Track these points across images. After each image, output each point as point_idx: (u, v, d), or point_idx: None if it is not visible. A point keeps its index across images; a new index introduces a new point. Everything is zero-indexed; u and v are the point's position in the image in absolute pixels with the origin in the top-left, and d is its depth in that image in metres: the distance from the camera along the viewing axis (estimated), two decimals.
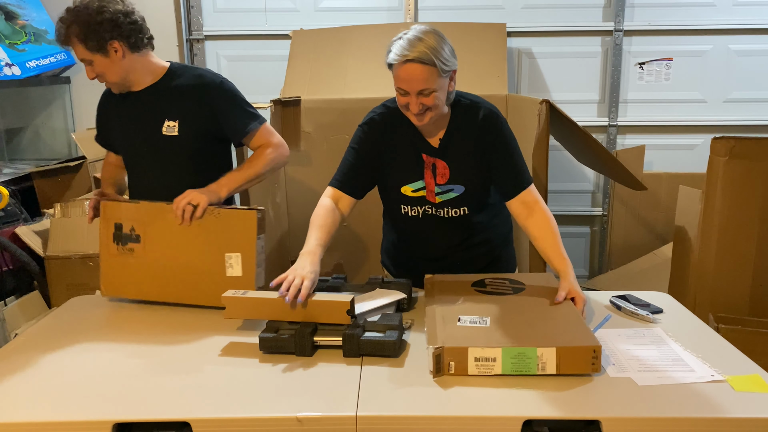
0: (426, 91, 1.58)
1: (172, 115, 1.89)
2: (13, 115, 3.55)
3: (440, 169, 1.74)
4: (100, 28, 1.75)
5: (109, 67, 1.82)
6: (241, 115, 1.91)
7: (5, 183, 2.93)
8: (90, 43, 1.77)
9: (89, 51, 1.78)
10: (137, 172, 2.00)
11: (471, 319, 1.44)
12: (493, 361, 1.29)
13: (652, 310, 1.61)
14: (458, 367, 1.30)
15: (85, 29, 1.75)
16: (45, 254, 2.70)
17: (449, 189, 1.76)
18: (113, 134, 2.01)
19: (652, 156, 3.46)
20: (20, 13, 3.36)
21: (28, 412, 1.21)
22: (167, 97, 1.89)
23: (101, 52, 1.79)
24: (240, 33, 3.55)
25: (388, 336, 1.40)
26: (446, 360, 1.30)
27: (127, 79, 1.87)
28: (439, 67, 1.56)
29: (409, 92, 1.59)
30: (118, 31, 1.78)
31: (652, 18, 3.41)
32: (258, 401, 1.23)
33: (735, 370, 1.32)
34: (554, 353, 1.28)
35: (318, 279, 1.56)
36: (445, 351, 1.30)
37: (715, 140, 2.15)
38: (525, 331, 1.37)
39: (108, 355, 1.44)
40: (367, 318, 1.49)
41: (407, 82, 1.58)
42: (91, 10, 1.75)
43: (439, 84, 1.59)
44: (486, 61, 3.00)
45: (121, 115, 1.95)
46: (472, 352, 1.29)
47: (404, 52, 1.55)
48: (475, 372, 1.30)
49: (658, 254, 2.99)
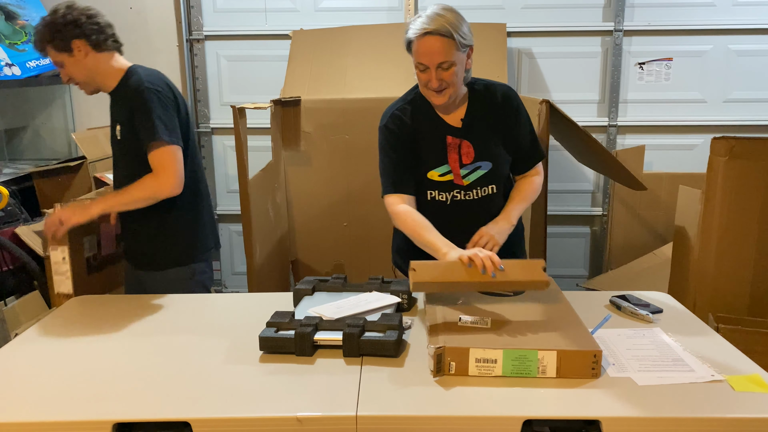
0: (445, 64, 1.64)
1: (119, 119, 1.98)
2: (13, 115, 3.55)
3: (464, 149, 1.77)
4: (65, 29, 1.90)
5: (75, 66, 1.94)
6: (148, 126, 1.89)
7: (5, 183, 2.93)
8: (57, 43, 1.91)
9: (57, 52, 1.92)
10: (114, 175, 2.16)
11: (472, 319, 1.43)
12: (494, 362, 1.29)
13: (652, 310, 1.62)
14: (459, 368, 1.30)
15: (51, 31, 1.90)
16: (45, 254, 2.69)
17: (476, 167, 1.79)
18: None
19: (652, 156, 3.45)
20: (20, 13, 3.35)
21: (28, 412, 1.21)
22: (117, 101, 2.00)
23: (67, 51, 1.92)
24: (240, 33, 3.55)
25: (388, 336, 1.40)
26: (447, 360, 1.30)
27: (95, 79, 1.98)
28: (457, 41, 1.62)
29: (429, 66, 1.65)
30: (80, 30, 1.91)
31: (652, 18, 3.41)
32: (258, 401, 1.23)
33: (735, 370, 1.32)
34: (555, 357, 1.28)
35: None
36: (446, 351, 1.30)
37: (715, 140, 2.15)
38: (526, 333, 1.37)
39: (108, 355, 1.45)
40: (367, 318, 1.49)
41: (427, 55, 1.63)
42: (58, 15, 1.91)
43: (457, 57, 1.64)
44: (486, 61, 3.00)
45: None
46: (473, 353, 1.29)
47: (424, 25, 1.62)
48: (475, 373, 1.29)
49: (658, 254, 2.99)
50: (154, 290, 1.94)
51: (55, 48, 1.92)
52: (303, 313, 1.54)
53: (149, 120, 1.88)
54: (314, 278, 1.78)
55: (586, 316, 1.60)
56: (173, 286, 1.97)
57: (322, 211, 3.05)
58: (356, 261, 3.06)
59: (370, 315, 1.52)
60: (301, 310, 1.57)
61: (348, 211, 3.03)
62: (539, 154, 1.87)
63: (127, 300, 1.83)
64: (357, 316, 1.51)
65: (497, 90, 1.80)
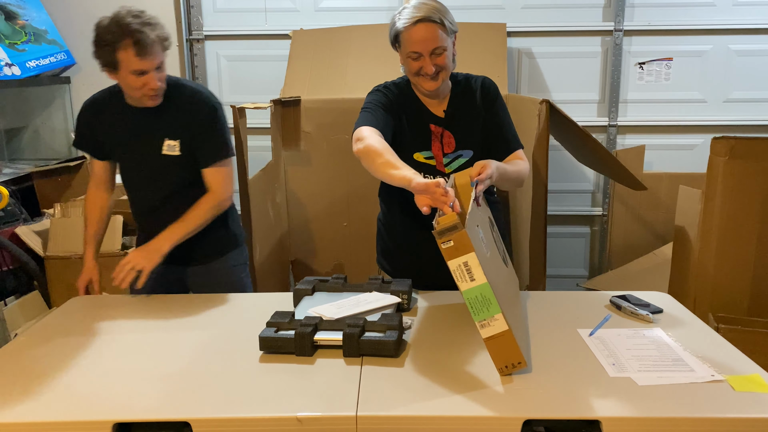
0: (438, 49, 1.68)
1: (173, 134, 1.90)
2: (13, 115, 3.54)
3: (446, 139, 1.80)
4: (164, 29, 1.83)
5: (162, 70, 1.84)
6: (218, 144, 1.91)
7: (5, 183, 2.93)
8: (166, 44, 1.83)
9: (162, 52, 1.82)
10: (136, 188, 2.02)
11: (483, 237, 1.40)
12: (472, 280, 1.26)
13: (652, 310, 1.61)
14: (449, 251, 1.24)
15: (162, 32, 1.81)
16: (45, 254, 2.70)
17: (458, 155, 1.81)
18: (108, 144, 1.99)
19: (652, 156, 3.45)
20: (20, 13, 3.35)
21: (28, 412, 1.21)
22: (167, 114, 1.89)
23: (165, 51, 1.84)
24: (240, 33, 3.55)
25: (388, 336, 1.40)
26: (454, 236, 1.24)
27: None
28: (447, 26, 1.67)
29: (423, 53, 1.67)
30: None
31: (652, 18, 3.41)
32: (258, 401, 1.23)
33: (735, 370, 1.32)
34: (502, 329, 1.26)
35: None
36: (461, 232, 1.23)
37: (715, 140, 2.15)
38: (502, 291, 1.36)
39: (108, 355, 1.44)
40: (367, 318, 1.49)
41: (421, 42, 1.66)
42: (147, 14, 1.81)
43: (447, 43, 1.69)
44: (486, 61, 3.00)
45: (121, 126, 1.93)
46: (470, 257, 1.24)
47: (414, 13, 1.66)
48: (452, 268, 1.25)
49: (658, 254, 2.99)
50: (217, 278, 2.00)
51: (163, 49, 1.82)
52: (303, 313, 1.54)
53: (222, 137, 1.92)
54: (314, 278, 1.78)
55: (586, 316, 1.60)
56: (231, 272, 2.05)
57: (322, 211, 3.05)
58: (356, 261, 3.06)
59: (370, 315, 1.52)
60: (301, 310, 1.57)
61: (348, 211, 3.03)
62: (516, 143, 1.82)
63: (127, 300, 1.83)
64: (357, 316, 1.51)
65: (476, 81, 1.84)
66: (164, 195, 1.96)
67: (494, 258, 1.47)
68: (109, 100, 1.95)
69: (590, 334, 1.51)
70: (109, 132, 1.95)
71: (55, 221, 2.73)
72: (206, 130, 1.91)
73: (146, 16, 1.79)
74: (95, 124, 1.96)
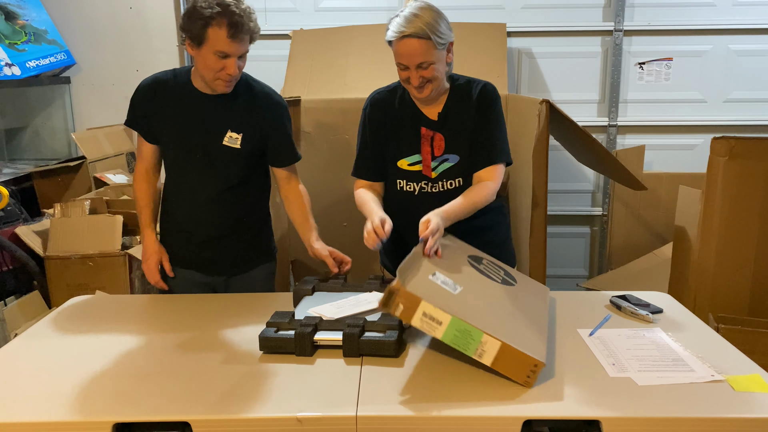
0: (424, 64, 1.67)
1: (238, 127, 1.85)
2: (13, 115, 3.54)
3: (437, 141, 1.79)
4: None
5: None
6: (289, 145, 1.95)
7: (5, 183, 2.93)
8: (254, 37, 1.78)
9: (249, 46, 1.78)
10: (183, 171, 1.92)
11: (444, 280, 1.42)
12: (439, 324, 1.27)
13: (652, 310, 1.62)
14: (404, 313, 1.28)
15: (256, 26, 1.76)
16: (45, 254, 2.69)
17: (444, 159, 1.81)
18: (164, 126, 1.89)
19: (652, 156, 3.45)
20: (20, 13, 3.36)
21: (28, 412, 1.21)
22: (235, 106, 1.85)
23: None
24: None
25: (388, 336, 1.40)
26: (397, 301, 1.28)
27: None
28: (434, 41, 1.65)
29: (409, 66, 1.68)
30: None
31: (652, 18, 3.41)
32: (258, 401, 1.23)
33: (735, 370, 1.32)
34: (497, 347, 1.26)
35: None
36: (400, 292, 1.28)
37: (715, 140, 2.15)
38: (485, 314, 1.35)
39: (108, 355, 1.44)
40: (367, 318, 1.49)
41: (406, 56, 1.67)
42: (252, 10, 1.76)
43: (436, 56, 1.67)
44: (486, 61, 3.00)
45: (183, 109, 1.86)
46: (423, 306, 1.27)
47: (401, 28, 1.64)
48: (417, 325, 1.28)
49: (658, 254, 2.99)
50: (255, 288, 1.99)
51: (251, 41, 1.77)
52: (303, 313, 1.54)
53: (291, 139, 1.95)
54: (314, 278, 1.78)
55: (586, 316, 1.60)
56: (268, 281, 2.06)
57: (322, 211, 3.04)
58: (356, 261, 3.05)
59: (371, 315, 1.52)
60: (301, 310, 1.57)
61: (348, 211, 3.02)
62: (497, 157, 1.78)
63: (127, 300, 1.83)
64: (357, 315, 1.51)
65: (477, 85, 1.82)
66: (218, 186, 1.89)
67: (474, 287, 1.47)
68: (174, 80, 1.87)
69: (590, 334, 1.51)
70: (168, 113, 1.86)
71: (55, 221, 2.73)
72: (282, 131, 1.91)
73: (245, 5, 1.74)
74: (153, 104, 1.87)
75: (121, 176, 3.27)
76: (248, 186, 1.95)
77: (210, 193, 1.89)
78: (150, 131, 1.91)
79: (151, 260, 1.92)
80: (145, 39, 3.49)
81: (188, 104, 1.85)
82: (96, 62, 3.51)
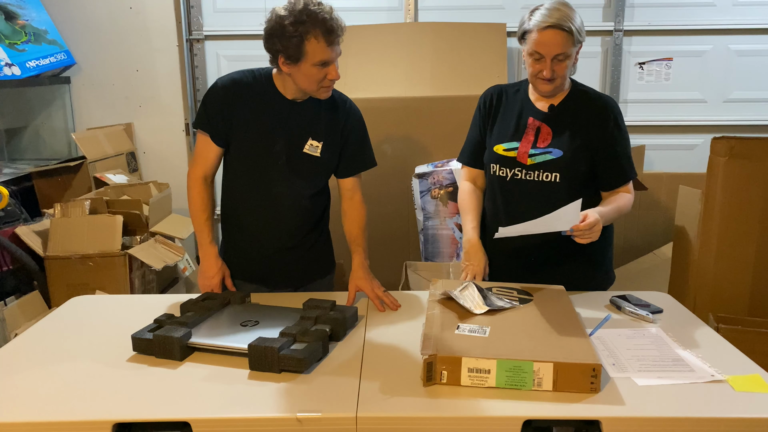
0: (561, 56, 1.71)
1: (320, 135, 1.81)
2: (13, 115, 3.54)
3: (543, 134, 1.81)
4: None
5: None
6: (368, 154, 1.91)
7: (5, 183, 2.93)
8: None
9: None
10: (263, 177, 1.83)
11: (470, 327, 1.41)
12: (487, 373, 1.26)
13: (652, 310, 1.62)
14: (451, 377, 1.27)
15: (341, 21, 1.78)
16: (45, 254, 2.69)
17: (547, 151, 1.81)
18: (241, 129, 1.80)
19: (652, 156, 3.46)
20: (20, 13, 3.36)
21: (28, 412, 1.21)
22: (320, 113, 1.82)
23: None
24: (240, 33, 3.55)
25: (300, 350, 1.35)
26: (438, 368, 1.27)
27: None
28: (575, 36, 1.71)
29: (545, 56, 1.71)
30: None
31: (652, 18, 3.41)
32: (258, 401, 1.23)
33: (735, 370, 1.32)
34: (551, 369, 1.24)
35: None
36: (438, 359, 1.27)
37: (715, 140, 2.16)
38: (524, 343, 1.33)
39: (108, 355, 1.44)
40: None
41: (546, 46, 1.70)
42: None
43: (571, 51, 1.72)
44: (486, 61, 3.00)
45: (266, 114, 1.79)
46: (465, 363, 1.26)
47: (545, 18, 1.70)
48: (468, 383, 1.26)
49: (658, 254, 2.99)
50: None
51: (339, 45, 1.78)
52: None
53: (369, 143, 1.91)
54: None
55: (586, 316, 1.60)
56: (330, 288, 2.05)
57: None
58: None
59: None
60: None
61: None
62: (626, 175, 1.82)
63: (127, 300, 1.83)
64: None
65: (601, 97, 1.84)
66: (301, 193, 1.84)
67: (501, 321, 1.45)
68: (254, 83, 1.80)
69: (590, 334, 1.50)
70: (250, 116, 1.78)
71: (55, 221, 2.73)
72: (361, 136, 1.89)
73: (324, 4, 1.72)
74: (231, 106, 1.78)
75: (121, 176, 3.27)
76: (323, 195, 1.92)
77: (294, 199, 1.84)
78: (223, 133, 1.80)
79: (215, 279, 1.81)
80: (145, 39, 3.49)
81: (271, 108, 1.79)
82: (96, 62, 3.50)
